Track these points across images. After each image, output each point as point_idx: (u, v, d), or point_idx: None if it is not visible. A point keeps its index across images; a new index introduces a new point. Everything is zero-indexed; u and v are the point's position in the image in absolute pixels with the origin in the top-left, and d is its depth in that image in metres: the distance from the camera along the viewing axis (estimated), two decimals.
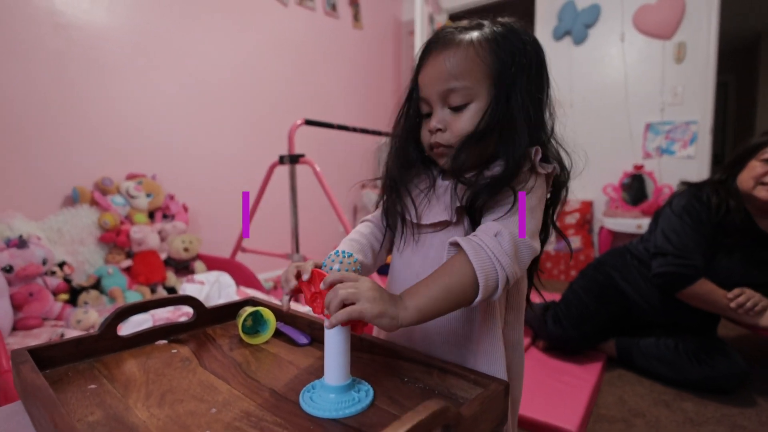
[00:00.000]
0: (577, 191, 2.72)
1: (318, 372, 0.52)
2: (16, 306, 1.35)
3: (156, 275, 1.72)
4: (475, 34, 0.51)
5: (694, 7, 2.27)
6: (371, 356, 0.56)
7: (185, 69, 2.05)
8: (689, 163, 2.33)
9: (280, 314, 0.67)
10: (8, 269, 1.34)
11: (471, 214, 0.51)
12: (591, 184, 2.65)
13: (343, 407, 0.44)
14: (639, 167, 2.45)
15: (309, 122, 1.63)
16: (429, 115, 0.54)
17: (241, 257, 1.90)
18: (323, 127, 1.69)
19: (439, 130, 0.52)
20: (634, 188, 2.48)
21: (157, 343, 0.63)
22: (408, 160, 0.57)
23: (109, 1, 1.78)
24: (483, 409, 0.40)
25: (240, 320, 0.62)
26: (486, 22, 0.53)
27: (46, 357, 0.53)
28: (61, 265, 1.53)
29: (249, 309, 0.64)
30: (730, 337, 1.69)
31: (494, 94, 0.50)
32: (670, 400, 1.21)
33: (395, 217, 0.58)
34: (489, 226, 0.47)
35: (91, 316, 1.37)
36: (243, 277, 1.66)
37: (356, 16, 3.00)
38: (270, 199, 2.27)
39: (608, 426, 1.10)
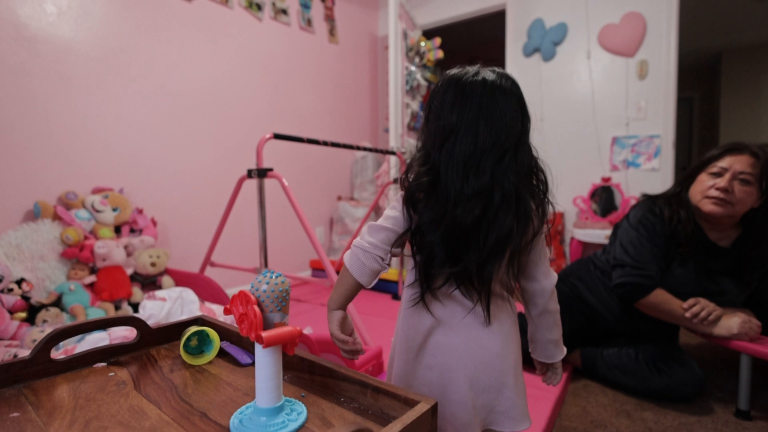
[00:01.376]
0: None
1: (255, 394, 0.51)
2: None
3: (121, 291, 1.68)
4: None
5: (654, 26, 2.37)
6: (311, 376, 0.56)
7: (155, 82, 2.03)
8: (654, 176, 2.41)
9: (227, 334, 0.67)
10: None
11: None
12: (562, 196, 2.71)
13: (271, 431, 0.44)
14: (606, 179, 2.52)
15: (278, 136, 1.63)
16: None
17: (209, 272, 1.87)
18: (293, 141, 1.69)
19: None
20: (604, 200, 2.55)
21: (95, 365, 0.61)
22: None
23: (77, 13, 1.76)
24: (405, 430, 0.40)
25: (182, 340, 0.61)
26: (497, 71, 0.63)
27: None
28: (20, 282, 1.48)
29: (192, 329, 0.63)
30: (692, 345, 1.73)
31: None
32: (631, 410, 1.23)
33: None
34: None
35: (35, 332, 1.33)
36: (211, 291, 1.63)
37: (332, 31, 3.03)
38: (240, 213, 2.25)
39: None
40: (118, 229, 1.83)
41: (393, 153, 2.21)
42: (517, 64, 2.84)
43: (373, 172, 3.08)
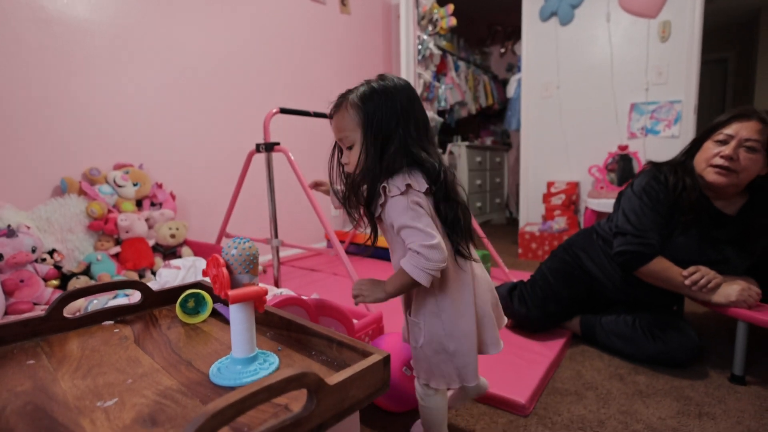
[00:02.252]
0: (563, 173, 2.72)
1: None
2: (8, 292, 1.43)
3: (144, 261, 1.80)
4: (350, 96, 0.76)
5: None
6: (288, 333, 0.61)
7: (169, 59, 2.08)
8: (674, 143, 2.32)
9: (219, 297, 0.73)
10: None
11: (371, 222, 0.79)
12: (577, 165, 2.65)
13: (242, 377, 0.50)
14: (624, 148, 2.45)
15: (284, 110, 1.67)
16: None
17: (224, 242, 1.96)
18: (299, 114, 1.72)
19: (346, 164, 0.78)
20: (621, 168, 2.48)
21: (103, 323, 0.69)
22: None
23: None
24: (354, 378, 0.45)
25: (179, 301, 0.68)
26: (367, 82, 0.77)
27: None
28: (51, 252, 1.61)
29: (188, 291, 0.70)
30: (698, 314, 1.72)
31: (364, 137, 0.74)
32: (625, 374, 1.26)
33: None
34: (410, 248, 0.71)
35: (78, 300, 1.45)
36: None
37: (343, 1, 2.99)
38: (255, 186, 2.33)
39: (560, 398, 1.15)
40: (139, 203, 1.93)
41: None
42: (533, 29, 2.74)
43: None
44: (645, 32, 2.36)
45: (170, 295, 0.77)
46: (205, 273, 0.52)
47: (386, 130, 0.73)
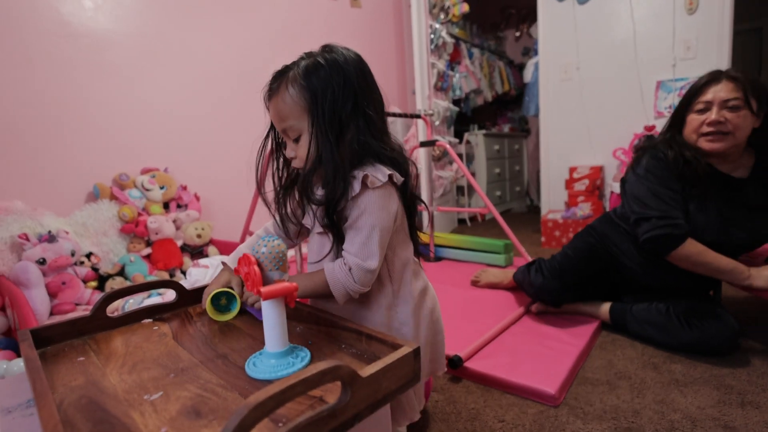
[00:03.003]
0: (586, 157, 2.65)
1: None
2: (52, 294, 1.51)
3: (173, 261, 1.86)
4: (291, 74, 0.64)
5: None
6: (317, 327, 0.63)
7: (189, 65, 2.13)
8: None
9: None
10: (42, 261, 1.50)
11: (330, 226, 0.65)
12: (601, 149, 2.59)
13: (277, 370, 0.52)
14: (650, 128, 2.37)
15: None
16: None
17: (248, 239, 2.01)
18: None
19: (293, 158, 0.67)
20: None
21: (143, 321, 0.72)
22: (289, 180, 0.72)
23: (111, 6, 1.87)
24: (386, 369, 0.46)
25: (209, 299, 0.70)
26: (309, 55, 0.66)
27: (47, 336, 0.63)
28: (89, 255, 1.68)
29: (218, 290, 0.72)
30: (738, 299, 1.66)
31: (315, 124, 0.62)
32: (659, 363, 1.23)
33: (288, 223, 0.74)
34: (346, 260, 0.62)
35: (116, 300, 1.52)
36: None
37: None
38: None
39: (591, 388, 1.14)
40: (166, 205, 2.00)
41: (418, 116, 2.20)
42: (549, 10, 2.67)
43: (402, 136, 3.08)
44: (671, 4, 2.27)
45: (202, 293, 0.80)
46: (236, 271, 0.54)
47: (341, 113, 0.61)
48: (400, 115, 2.04)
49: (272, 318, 0.53)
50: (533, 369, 1.16)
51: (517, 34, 4.57)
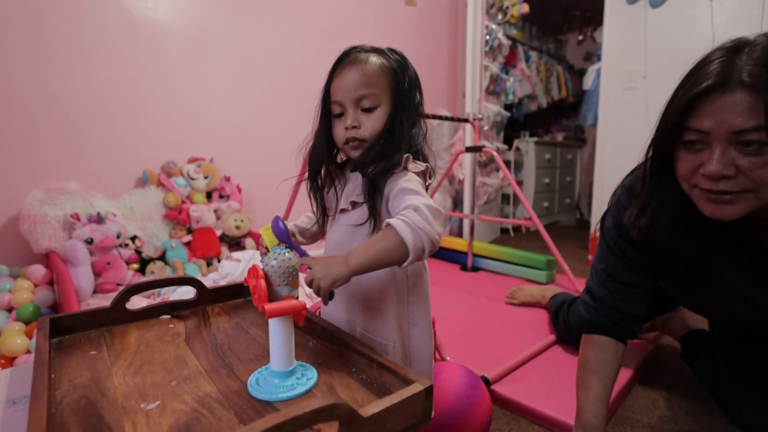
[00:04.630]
0: None
1: None
2: (96, 273, 1.59)
3: (211, 250, 1.91)
4: (380, 55, 0.66)
5: None
6: (330, 345, 0.59)
7: (238, 59, 2.17)
8: None
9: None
10: (89, 241, 1.58)
11: (370, 197, 0.62)
12: None
13: (278, 391, 0.48)
14: None
15: None
16: (340, 116, 0.66)
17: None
18: None
19: (354, 127, 0.64)
20: None
21: (161, 317, 0.72)
22: (327, 158, 0.70)
23: None
24: (391, 409, 0.41)
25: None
26: (384, 49, 0.68)
27: (67, 324, 0.64)
28: (133, 238, 1.76)
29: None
30: None
31: (393, 102, 0.64)
32: (714, 408, 1.10)
33: (320, 208, 0.71)
34: (408, 204, 0.56)
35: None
36: None
37: None
38: None
39: (629, 430, 1.03)
40: (209, 195, 2.05)
41: (466, 121, 2.12)
42: (617, 13, 2.48)
43: (448, 139, 3.00)
44: (758, 9, 2.03)
45: (222, 292, 0.78)
46: (246, 281, 0.51)
47: (413, 101, 0.66)
48: (447, 119, 1.97)
49: (278, 335, 0.50)
50: (566, 400, 1.07)
51: (580, 37, 4.33)
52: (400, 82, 0.64)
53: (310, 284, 0.51)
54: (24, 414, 0.49)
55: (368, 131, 0.63)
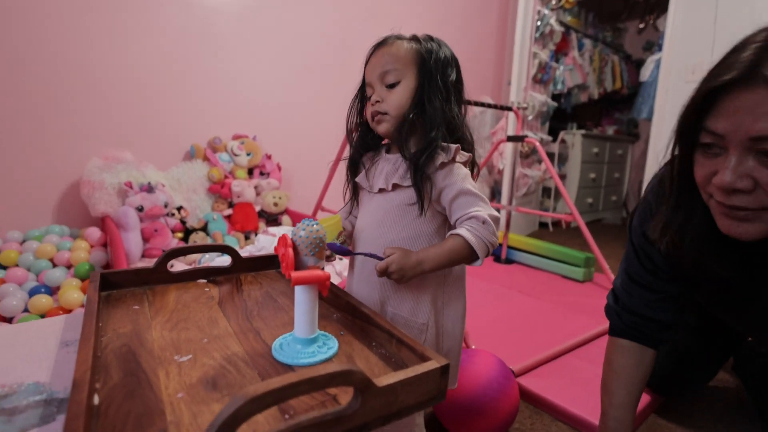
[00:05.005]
0: None
1: None
2: (145, 238, 1.69)
3: (250, 224, 1.98)
4: (411, 40, 0.68)
5: None
6: (353, 319, 0.61)
7: (286, 39, 2.21)
8: None
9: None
10: (140, 209, 1.68)
11: (415, 181, 0.64)
12: None
13: (300, 357, 0.50)
14: None
15: None
16: (370, 98, 0.69)
17: (320, 216, 2.07)
18: None
19: (378, 102, 0.66)
20: None
21: (198, 281, 0.76)
22: (364, 143, 0.74)
23: None
24: (405, 382, 0.42)
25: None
26: (420, 36, 0.69)
27: (115, 280, 0.69)
28: (179, 208, 1.85)
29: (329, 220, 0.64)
30: None
31: (418, 78, 0.65)
32: (755, 418, 1.04)
33: (356, 189, 0.75)
34: (476, 215, 0.62)
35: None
36: None
37: None
38: None
39: None
40: (251, 171, 2.12)
41: (509, 109, 2.06)
42: (683, 1, 2.30)
43: (490, 128, 2.93)
44: None
45: (255, 262, 0.82)
46: (276, 250, 0.53)
47: (447, 78, 0.66)
48: (489, 105, 1.92)
49: (302, 304, 0.51)
50: (594, 400, 1.04)
51: (641, 25, 4.05)
52: (426, 60, 0.65)
53: (383, 271, 0.59)
54: (74, 355, 0.54)
55: (390, 105, 0.65)
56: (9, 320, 1.21)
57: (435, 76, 0.65)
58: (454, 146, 0.64)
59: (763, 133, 0.49)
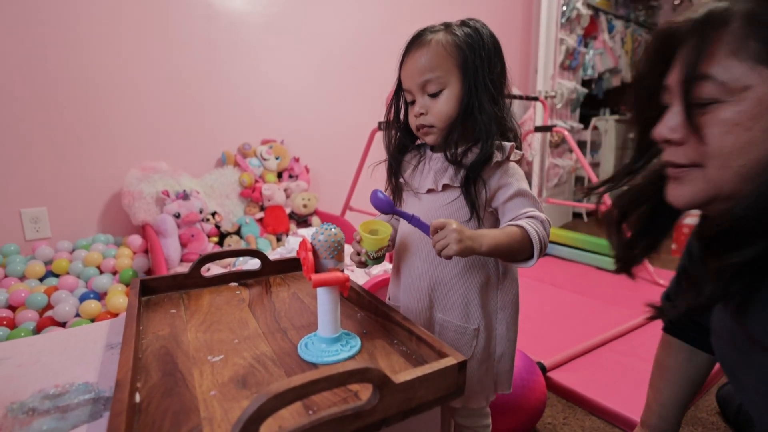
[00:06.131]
0: None
1: None
2: (183, 244, 1.78)
3: (281, 226, 2.04)
4: (441, 34, 0.63)
5: None
6: (375, 317, 0.63)
7: (311, 44, 2.25)
8: None
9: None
10: (177, 215, 1.76)
11: (467, 184, 0.62)
12: None
13: (324, 355, 0.52)
14: None
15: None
16: (413, 103, 0.65)
17: (348, 215, 2.10)
18: None
19: (422, 114, 0.63)
20: None
21: (230, 284, 0.80)
22: (402, 145, 0.71)
23: None
24: (423, 378, 0.43)
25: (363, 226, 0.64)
26: (452, 23, 0.65)
27: (153, 286, 0.74)
28: (213, 214, 1.93)
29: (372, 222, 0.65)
30: None
31: (463, 81, 0.61)
32: None
33: (399, 190, 0.71)
34: (535, 215, 0.60)
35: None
36: (347, 232, 1.84)
37: None
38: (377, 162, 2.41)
39: (701, 430, 0.96)
40: (280, 175, 2.18)
41: (535, 99, 2.02)
42: None
43: (518, 117, 2.87)
44: None
45: (283, 265, 0.85)
46: (298, 254, 0.56)
47: (492, 74, 0.61)
48: (515, 97, 1.89)
49: (325, 304, 0.54)
50: (629, 394, 1.02)
51: (677, 1, 3.85)
52: (468, 58, 0.60)
53: (441, 227, 0.54)
54: (118, 357, 0.58)
55: (435, 117, 0.62)
56: (63, 324, 1.31)
57: (481, 74, 0.60)
58: (508, 145, 0.62)
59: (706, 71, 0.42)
